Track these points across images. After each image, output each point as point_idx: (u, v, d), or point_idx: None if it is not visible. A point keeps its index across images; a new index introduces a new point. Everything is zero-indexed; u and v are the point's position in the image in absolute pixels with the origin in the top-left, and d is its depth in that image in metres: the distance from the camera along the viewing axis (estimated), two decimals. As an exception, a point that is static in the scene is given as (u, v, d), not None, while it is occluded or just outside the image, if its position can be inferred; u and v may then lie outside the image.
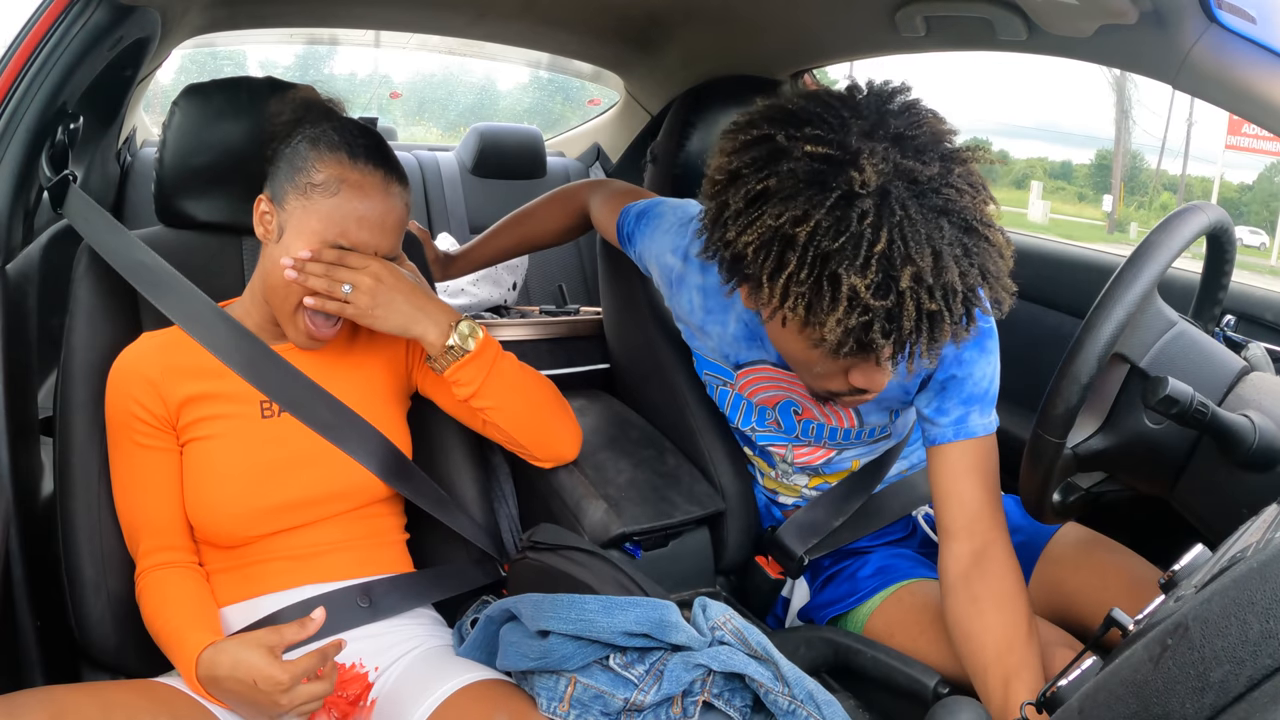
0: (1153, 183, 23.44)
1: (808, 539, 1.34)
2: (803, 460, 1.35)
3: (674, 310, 1.35)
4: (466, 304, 1.94)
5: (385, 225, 1.06)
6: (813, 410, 1.27)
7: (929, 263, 0.87)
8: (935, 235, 0.88)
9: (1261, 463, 0.93)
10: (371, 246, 1.06)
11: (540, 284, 2.45)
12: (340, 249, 1.05)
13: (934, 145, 0.92)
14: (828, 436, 1.31)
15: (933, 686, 1.11)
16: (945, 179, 0.90)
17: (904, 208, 0.87)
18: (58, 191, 1.18)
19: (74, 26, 1.15)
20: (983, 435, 1.15)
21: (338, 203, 1.04)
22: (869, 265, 0.86)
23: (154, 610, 1.02)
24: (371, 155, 1.06)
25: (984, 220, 0.92)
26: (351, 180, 1.04)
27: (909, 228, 0.87)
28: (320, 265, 1.03)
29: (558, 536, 1.15)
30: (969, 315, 0.93)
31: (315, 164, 1.05)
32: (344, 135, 1.07)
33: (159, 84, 2.70)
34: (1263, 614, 0.46)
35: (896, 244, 0.86)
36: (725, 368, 1.31)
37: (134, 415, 1.07)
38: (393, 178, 1.07)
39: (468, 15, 2.13)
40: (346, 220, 1.04)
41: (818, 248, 0.87)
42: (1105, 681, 0.55)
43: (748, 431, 1.36)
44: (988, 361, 1.16)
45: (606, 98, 2.91)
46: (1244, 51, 1.11)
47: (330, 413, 1.11)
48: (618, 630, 0.92)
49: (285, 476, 1.09)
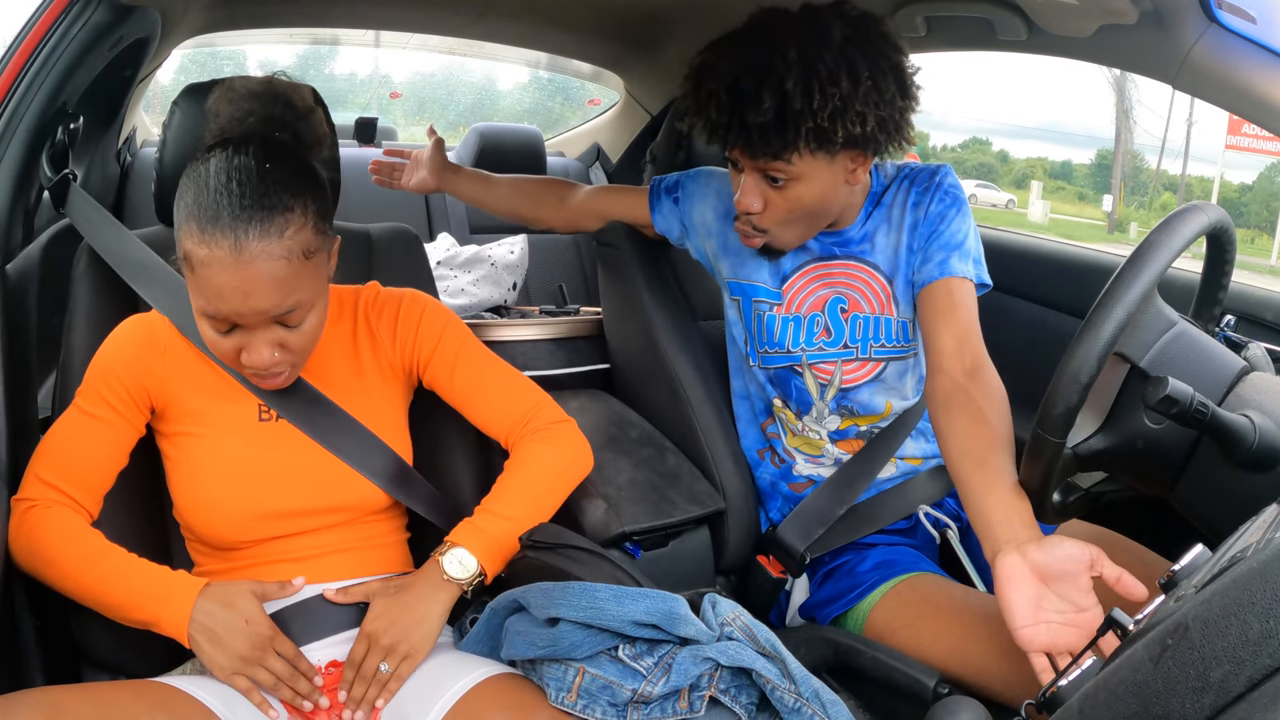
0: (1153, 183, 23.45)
1: (811, 531, 1.34)
2: (850, 379, 1.37)
3: (728, 242, 1.42)
4: (466, 304, 1.94)
5: (249, 292, 0.92)
6: (858, 300, 1.37)
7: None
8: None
9: (1261, 463, 0.93)
10: (248, 316, 0.94)
11: (540, 284, 2.45)
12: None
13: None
14: (872, 335, 1.37)
15: (933, 686, 1.11)
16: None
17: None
18: (58, 191, 1.18)
19: (74, 26, 1.15)
20: (962, 277, 1.28)
21: (197, 280, 0.93)
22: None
23: (90, 544, 1.00)
24: (221, 214, 0.91)
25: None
26: (200, 257, 0.92)
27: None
28: (359, 686, 1.01)
29: (558, 535, 1.15)
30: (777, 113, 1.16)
31: (179, 233, 0.94)
32: (198, 192, 0.93)
33: (159, 84, 2.70)
34: (1263, 614, 0.46)
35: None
36: (772, 288, 1.39)
37: (116, 376, 1.05)
38: (249, 230, 0.91)
39: (468, 15, 2.13)
40: (211, 298, 0.94)
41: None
42: (1105, 681, 0.55)
43: (797, 353, 1.38)
44: (962, 220, 1.32)
45: (606, 98, 2.91)
46: (1244, 51, 1.12)
47: (331, 421, 1.10)
48: (627, 619, 0.92)
49: (282, 484, 1.08)
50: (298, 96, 1.08)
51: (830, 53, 1.16)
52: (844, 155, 1.23)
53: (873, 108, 1.18)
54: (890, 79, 1.20)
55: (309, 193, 0.98)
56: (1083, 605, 0.97)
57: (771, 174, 1.23)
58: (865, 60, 1.18)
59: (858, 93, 1.17)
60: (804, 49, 1.16)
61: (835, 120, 1.16)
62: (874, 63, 1.19)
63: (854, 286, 1.37)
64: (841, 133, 1.17)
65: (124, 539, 1.05)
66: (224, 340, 0.98)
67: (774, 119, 1.16)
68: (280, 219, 0.93)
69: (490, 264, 2.00)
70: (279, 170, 0.96)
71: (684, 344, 1.54)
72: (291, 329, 0.99)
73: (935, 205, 1.32)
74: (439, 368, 1.18)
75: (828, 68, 1.16)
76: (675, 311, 1.61)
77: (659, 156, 1.95)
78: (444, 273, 1.98)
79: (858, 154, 1.24)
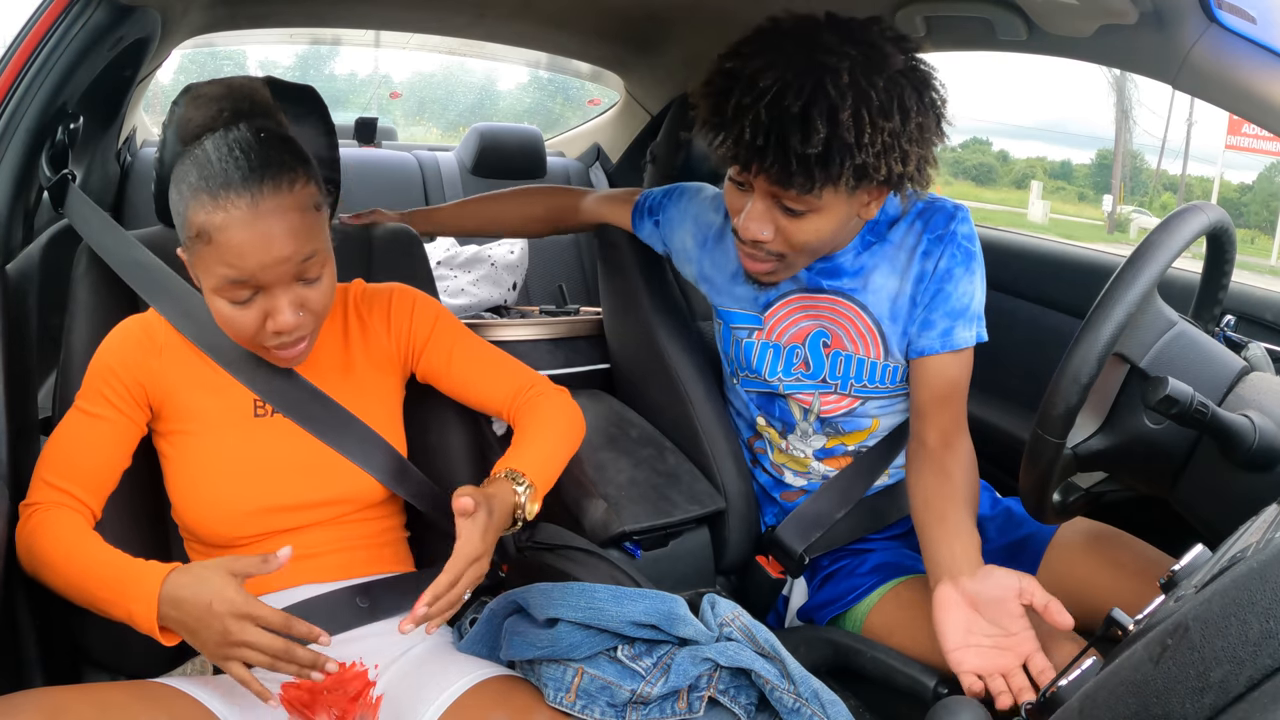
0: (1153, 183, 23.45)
1: (809, 534, 1.34)
2: (828, 410, 1.33)
3: (705, 270, 1.38)
4: (466, 304, 1.94)
5: (270, 244, 0.94)
6: (842, 338, 1.30)
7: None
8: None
9: (1261, 463, 0.93)
10: (271, 269, 0.96)
11: (540, 284, 2.45)
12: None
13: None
14: (854, 374, 1.31)
15: (933, 686, 1.11)
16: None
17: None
18: (58, 191, 1.18)
19: (74, 26, 1.15)
20: (962, 348, 1.25)
21: (215, 250, 0.94)
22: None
23: (79, 542, 0.98)
24: (232, 177, 0.94)
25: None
26: (217, 222, 0.93)
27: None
28: (444, 603, 0.94)
29: (556, 536, 1.15)
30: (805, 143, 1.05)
31: (186, 214, 0.96)
32: (201, 168, 0.95)
33: (159, 84, 2.70)
34: (1263, 614, 0.46)
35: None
36: (754, 313, 1.34)
37: (115, 374, 1.05)
38: (263, 187, 0.94)
39: (468, 15, 2.13)
40: (232, 261, 0.95)
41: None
42: (1105, 681, 0.55)
43: (774, 382, 1.34)
44: (969, 281, 1.25)
45: (606, 98, 2.91)
46: (1244, 51, 1.12)
47: (327, 415, 1.11)
48: (626, 620, 0.92)
49: (277, 479, 1.08)
50: (259, 95, 1.09)
51: (883, 80, 1.06)
52: (865, 190, 1.13)
53: (916, 146, 1.10)
54: (932, 116, 1.12)
55: (305, 158, 1.01)
56: (1012, 630, 1.04)
57: (789, 204, 1.12)
58: (915, 94, 1.09)
59: (906, 129, 1.07)
60: (856, 73, 1.04)
61: (881, 158, 1.07)
62: (921, 97, 1.10)
63: (838, 323, 1.30)
64: (884, 170, 1.07)
65: (124, 543, 1.04)
66: (246, 313, 0.98)
67: (821, 151, 1.04)
68: (288, 175, 0.97)
69: (490, 264, 2.00)
70: (273, 139, 0.99)
71: (684, 344, 1.54)
72: (311, 284, 1.00)
73: (946, 261, 1.23)
74: (436, 352, 1.19)
75: (880, 98, 1.05)
76: (675, 311, 1.61)
77: (659, 156, 1.94)
78: (444, 273, 1.98)
79: (880, 190, 1.15)
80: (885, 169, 1.07)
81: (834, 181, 1.08)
